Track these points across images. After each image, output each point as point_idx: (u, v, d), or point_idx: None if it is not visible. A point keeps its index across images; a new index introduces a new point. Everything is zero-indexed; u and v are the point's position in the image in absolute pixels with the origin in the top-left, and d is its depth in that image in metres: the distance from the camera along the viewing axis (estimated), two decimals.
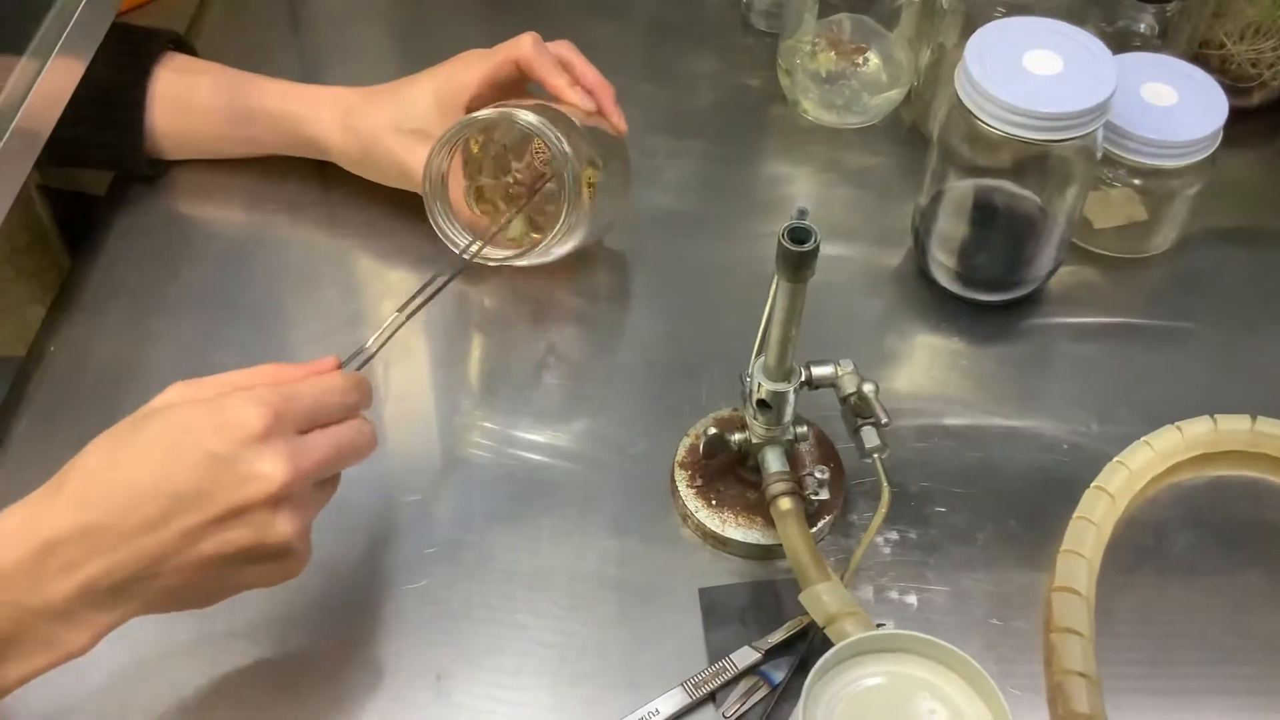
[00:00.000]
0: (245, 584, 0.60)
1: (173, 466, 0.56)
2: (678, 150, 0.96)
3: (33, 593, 0.54)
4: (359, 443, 0.62)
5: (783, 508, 0.69)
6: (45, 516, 0.55)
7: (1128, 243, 0.89)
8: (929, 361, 0.84)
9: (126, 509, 0.55)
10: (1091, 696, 0.66)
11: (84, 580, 0.55)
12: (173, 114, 0.88)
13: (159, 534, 0.55)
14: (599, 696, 0.67)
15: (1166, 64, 0.87)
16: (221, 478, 0.56)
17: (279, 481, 0.56)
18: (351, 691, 0.67)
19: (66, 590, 0.55)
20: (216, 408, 0.57)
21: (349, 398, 0.62)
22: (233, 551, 0.57)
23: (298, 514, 0.58)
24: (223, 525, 0.56)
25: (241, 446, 0.56)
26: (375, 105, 0.84)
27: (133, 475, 0.56)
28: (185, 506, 0.56)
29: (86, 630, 0.56)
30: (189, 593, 0.58)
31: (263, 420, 0.57)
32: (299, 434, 0.59)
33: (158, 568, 0.56)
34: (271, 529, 0.57)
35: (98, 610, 0.56)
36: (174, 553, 0.56)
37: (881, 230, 0.91)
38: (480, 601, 0.71)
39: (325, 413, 0.61)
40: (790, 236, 0.60)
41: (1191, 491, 0.78)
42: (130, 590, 0.56)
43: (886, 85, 0.96)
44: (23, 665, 0.56)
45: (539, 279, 0.87)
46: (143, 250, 0.88)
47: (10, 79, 0.62)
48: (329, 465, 0.60)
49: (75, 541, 0.55)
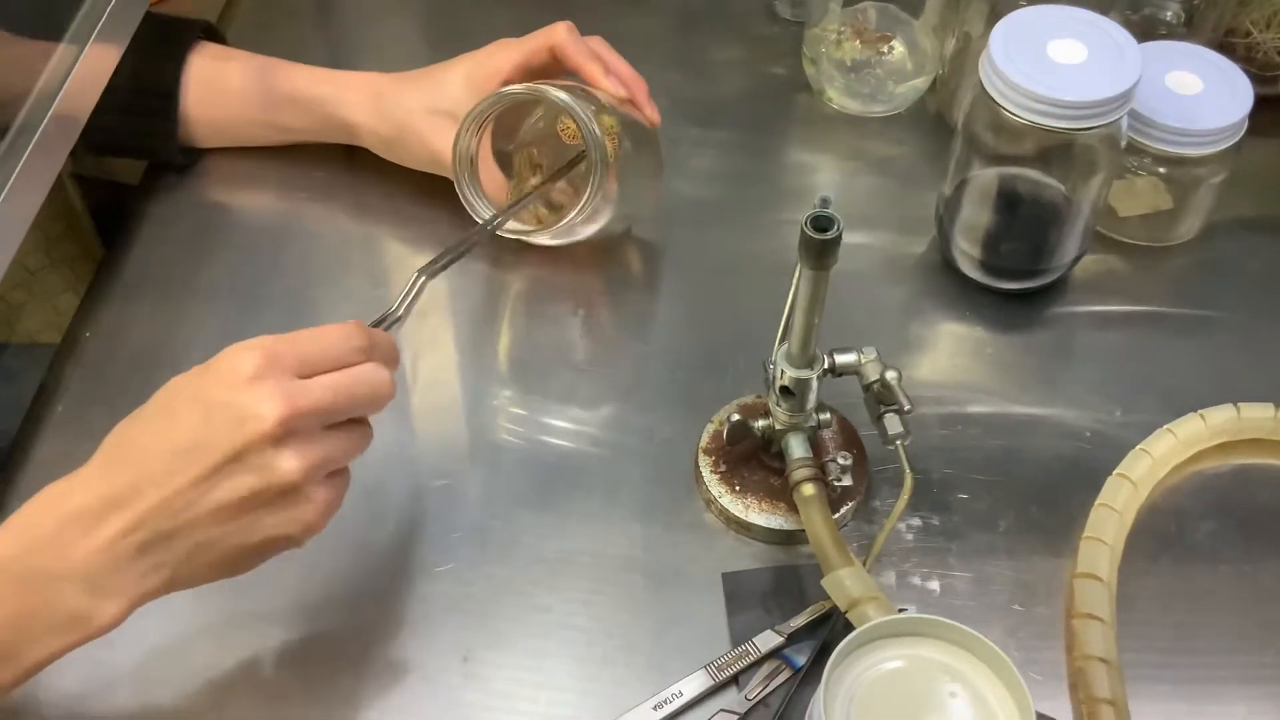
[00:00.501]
0: (267, 537, 0.59)
1: (172, 421, 0.57)
2: (703, 139, 0.97)
3: (60, 560, 0.55)
4: (366, 385, 0.61)
5: (806, 493, 0.70)
6: (71, 487, 0.57)
7: (1152, 231, 0.89)
8: (952, 349, 0.85)
9: (136, 468, 0.57)
10: (1113, 682, 0.66)
11: (103, 543, 0.56)
12: (205, 101, 0.89)
13: (167, 488, 0.56)
14: (623, 679, 0.68)
15: (1192, 52, 0.86)
16: (217, 423, 0.57)
17: (273, 419, 0.57)
18: (379, 672, 0.68)
19: (90, 551, 0.56)
20: (211, 361, 0.58)
21: (351, 341, 0.61)
22: (241, 497, 0.57)
23: (301, 453, 0.58)
24: (227, 471, 0.57)
25: (235, 391, 0.57)
26: (407, 89, 0.85)
27: (140, 435, 0.58)
28: (188, 458, 0.56)
29: (116, 600, 0.56)
30: (213, 554, 0.58)
31: (253, 363, 0.57)
32: (299, 378, 0.59)
33: (172, 523, 0.57)
34: (275, 469, 0.57)
35: (122, 576, 0.56)
36: (185, 505, 0.56)
37: (905, 219, 0.91)
38: (506, 585, 0.72)
39: (325, 357, 0.60)
40: (813, 225, 0.61)
41: (1214, 479, 0.78)
42: (153, 552, 0.57)
43: (911, 74, 0.96)
44: (54, 641, 0.56)
45: (565, 266, 0.87)
46: (175, 238, 0.90)
47: (48, 66, 0.63)
48: (332, 405, 0.59)
49: (95, 507, 0.56)
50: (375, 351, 0.62)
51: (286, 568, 0.71)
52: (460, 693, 0.68)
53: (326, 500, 0.60)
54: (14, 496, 0.74)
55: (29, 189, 0.61)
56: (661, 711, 0.66)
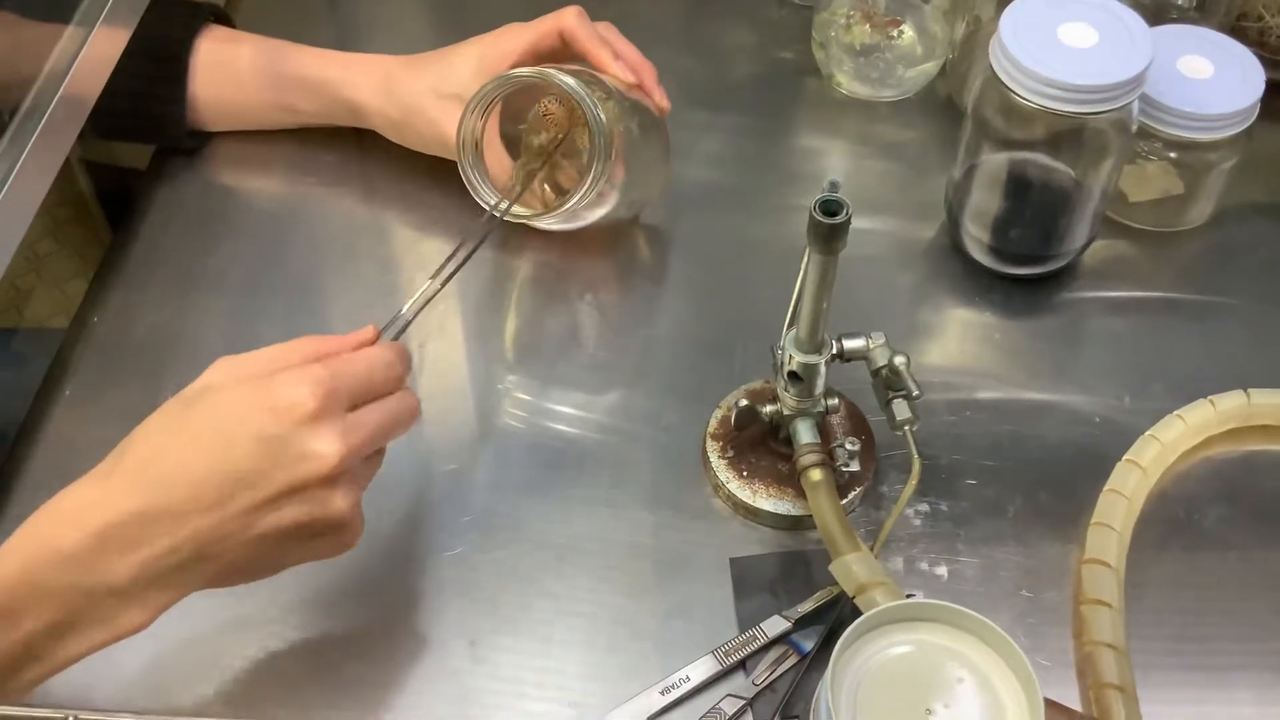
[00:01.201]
0: (304, 558, 0.61)
1: (229, 450, 0.57)
2: (712, 123, 0.96)
3: (92, 575, 0.55)
4: (406, 414, 0.63)
5: (813, 479, 0.70)
6: (103, 500, 0.56)
7: (1163, 216, 0.89)
8: (961, 335, 0.84)
9: (184, 493, 0.56)
10: (1121, 668, 0.66)
11: (143, 561, 0.56)
12: (214, 83, 0.89)
13: (217, 515, 0.57)
14: (630, 664, 0.68)
15: (1203, 36, 0.86)
16: (278, 458, 0.57)
17: (333, 460, 0.57)
18: (386, 657, 0.68)
19: (126, 572, 0.56)
20: (267, 389, 0.58)
21: (394, 370, 0.63)
22: (291, 528, 0.58)
23: (352, 489, 0.60)
24: (280, 504, 0.57)
25: (296, 427, 0.57)
26: (416, 72, 0.85)
27: (189, 459, 0.57)
28: (243, 488, 0.57)
29: (145, 609, 0.57)
30: (249, 567, 0.60)
31: (315, 400, 0.57)
32: (349, 410, 0.60)
33: (217, 548, 0.57)
34: (329, 505, 0.58)
35: (157, 589, 0.57)
36: (233, 533, 0.57)
37: (915, 204, 0.91)
38: (514, 570, 0.72)
39: (370, 387, 0.61)
40: (822, 209, 0.60)
41: (1223, 466, 0.77)
42: (190, 569, 0.57)
43: (921, 58, 0.96)
44: (80, 642, 0.57)
45: (573, 251, 0.87)
46: (183, 223, 0.90)
47: (56, 48, 0.63)
48: (379, 439, 0.61)
49: (134, 525, 0.56)
50: (404, 371, 0.64)
51: None
52: (467, 678, 0.68)
53: (362, 524, 0.62)
54: (24, 480, 0.75)
55: (37, 172, 0.61)
56: (669, 696, 0.66)
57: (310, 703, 0.67)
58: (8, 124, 0.61)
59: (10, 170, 0.60)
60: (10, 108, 0.61)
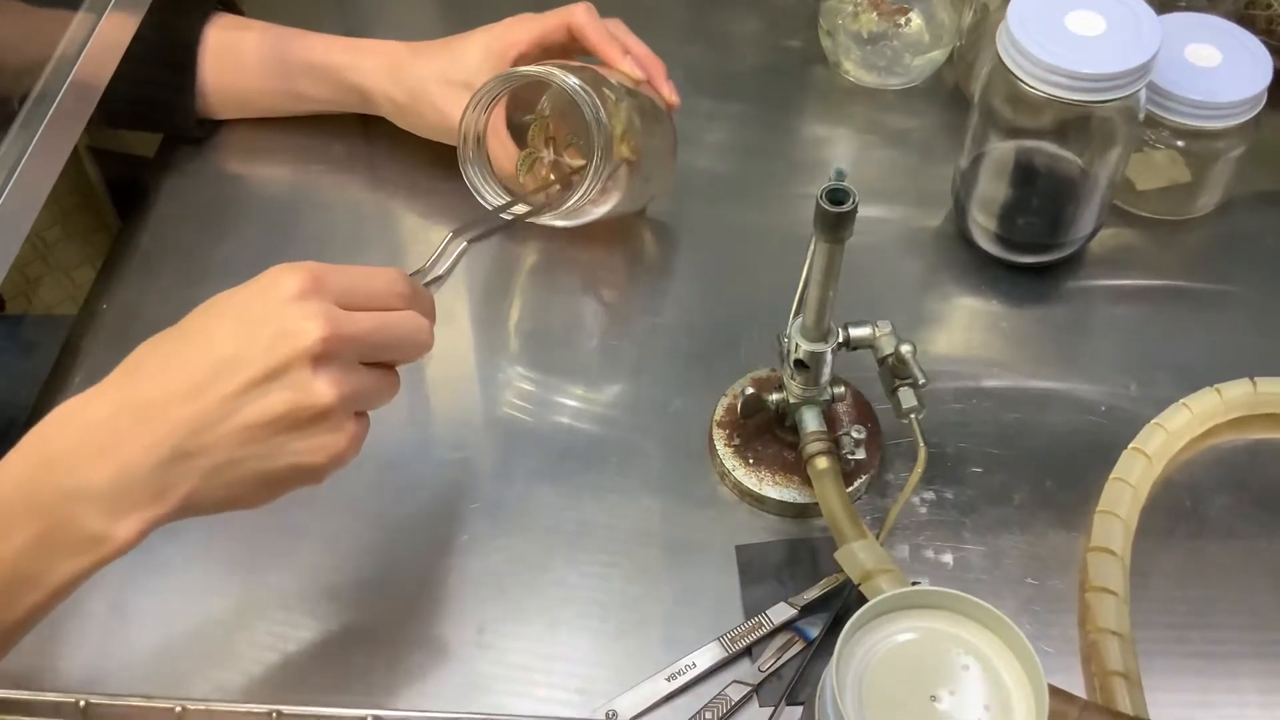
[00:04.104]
0: (290, 464, 0.57)
1: (210, 334, 0.56)
2: (718, 112, 0.96)
3: (74, 477, 0.54)
4: (408, 330, 0.61)
5: (819, 466, 0.70)
6: (88, 402, 0.56)
7: (1170, 205, 0.89)
8: (968, 323, 0.84)
9: (163, 382, 0.56)
10: (1125, 655, 0.66)
11: (122, 464, 0.54)
12: (222, 70, 0.89)
13: (197, 402, 0.55)
14: (636, 650, 0.68)
15: (1211, 24, 0.86)
16: (259, 338, 0.56)
17: (315, 336, 0.56)
18: (394, 644, 0.69)
19: (106, 475, 0.54)
20: (254, 279, 0.58)
21: (395, 286, 0.61)
22: (273, 417, 0.56)
23: (337, 380, 0.57)
24: (262, 387, 0.56)
25: (280, 305, 0.56)
26: (424, 58, 0.85)
27: (171, 348, 0.57)
28: (223, 370, 0.55)
29: (131, 522, 0.55)
30: (232, 475, 0.57)
31: (299, 282, 0.57)
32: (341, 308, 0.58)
33: (197, 440, 0.55)
34: (310, 390, 0.56)
35: (142, 499, 0.55)
36: (213, 421, 0.55)
37: (921, 192, 0.91)
38: (521, 557, 0.72)
39: (369, 293, 0.60)
40: (828, 197, 0.61)
41: (1229, 454, 0.78)
42: (172, 473, 0.55)
43: (929, 46, 0.96)
44: (72, 563, 0.55)
45: (579, 241, 0.87)
46: (191, 211, 0.90)
47: (65, 35, 0.63)
48: (373, 341, 0.59)
49: (112, 421, 0.55)
50: (416, 302, 0.62)
51: (302, 539, 0.72)
52: (475, 664, 0.68)
53: (355, 434, 0.59)
54: None
55: (46, 159, 0.61)
56: (675, 682, 0.67)
57: (319, 689, 0.67)
58: (17, 111, 0.61)
59: (20, 157, 0.60)
60: (20, 95, 0.61)
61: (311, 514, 0.73)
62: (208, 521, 0.73)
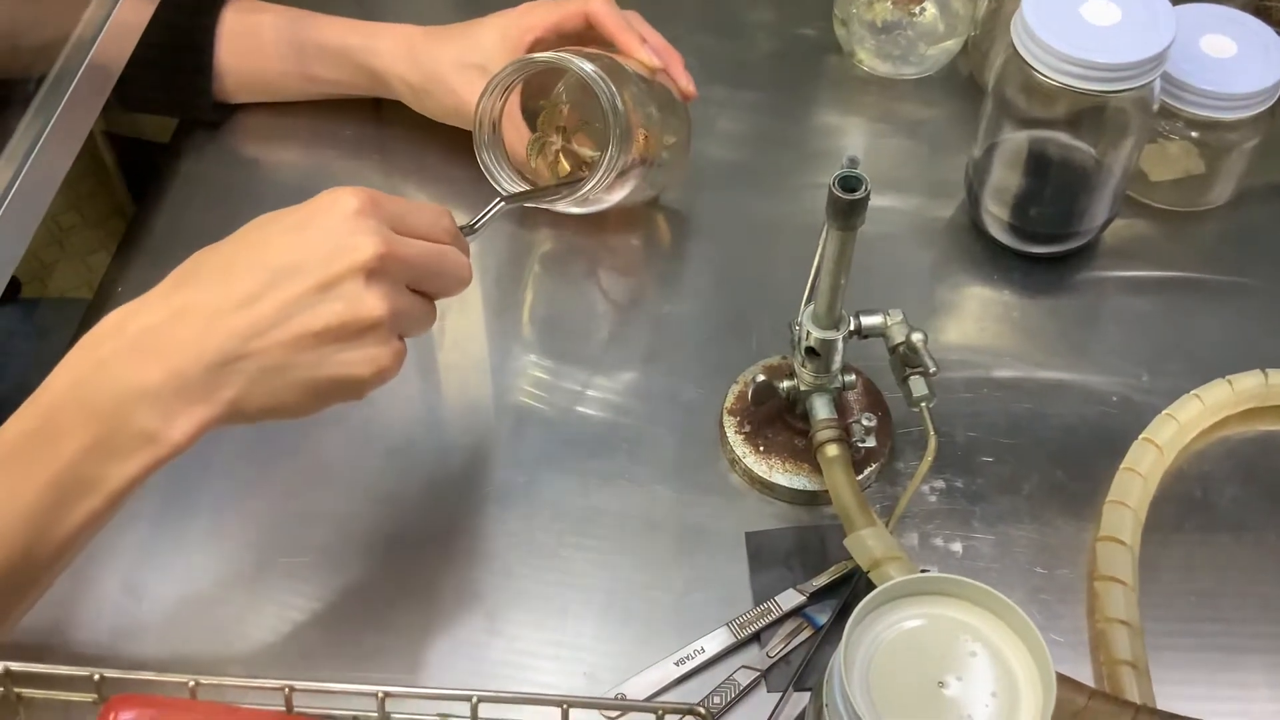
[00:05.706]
0: (336, 375, 0.59)
1: (268, 244, 0.58)
2: (732, 100, 0.96)
3: (127, 380, 0.56)
4: (453, 264, 0.63)
5: (829, 454, 0.70)
6: (142, 307, 0.58)
7: (1184, 196, 0.89)
8: (979, 313, 0.84)
9: (220, 288, 0.57)
10: (1134, 644, 0.66)
11: (174, 367, 0.56)
12: (238, 53, 0.89)
13: (252, 308, 0.57)
14: (646, 635, 0.69)
15: (1226, 15, 0.85)
16: (316, 249, 0.58)
17: (371, 252, 0.58)
18: (403, 628, 0.69)
19: (159, 376, 0.56)
20: (313, 199, 0.60)
21: (442, 221, 0.63)
22: (324, 326, 0.57)
23: (388, 296, 0.59)
24: (316, 297, 0.57)
25: (339, 220, 0.58)
26: (440, 41, 0.86)
27: (226, 258, 0.59)
28: (280, 279, 0.57)
29: (183, 422, 0.56)
30: (280, 383, 0.58)
31: (358, 202, 0.59)
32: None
33: (248, 345, 0.57)
34: (363, 303, 0.58)
35: (193, 400, 0.56)
36: (266, 328, 0.57)
37: (934, 181, 0.91)
38: (531, 542, 0.72)
39: (419, 223, 0.62)
40: (840, 185, 0.61)
41: (1240, 445, 0.77)
42: (222, 375, 0.57)
43: (943, 35, 0.96)
44: (128, 464, 0.56)
45: (591, 227, 0.88)
46: (206, 196, 0.90)
47: (82, 18, 0.64)
48: (422, 264, 0.61)
49: (166, 326, 0.56)
50: (458, 241, 0.65)
51: (314, 520, 0.73)
52: (484, 649, 0.68)
53: (399, 351, 0.61)
54: None
55: (62, 142, 0.62)
56: (684, 667, 0.67)
57: (331, 667, 0.67)
58: (34, 94, 0.61)
59: (36, 140, 0.60)
60: (36, 77, 0.61)
61: (324, 495, 0.74)
62: (221, 502, 0.74)
